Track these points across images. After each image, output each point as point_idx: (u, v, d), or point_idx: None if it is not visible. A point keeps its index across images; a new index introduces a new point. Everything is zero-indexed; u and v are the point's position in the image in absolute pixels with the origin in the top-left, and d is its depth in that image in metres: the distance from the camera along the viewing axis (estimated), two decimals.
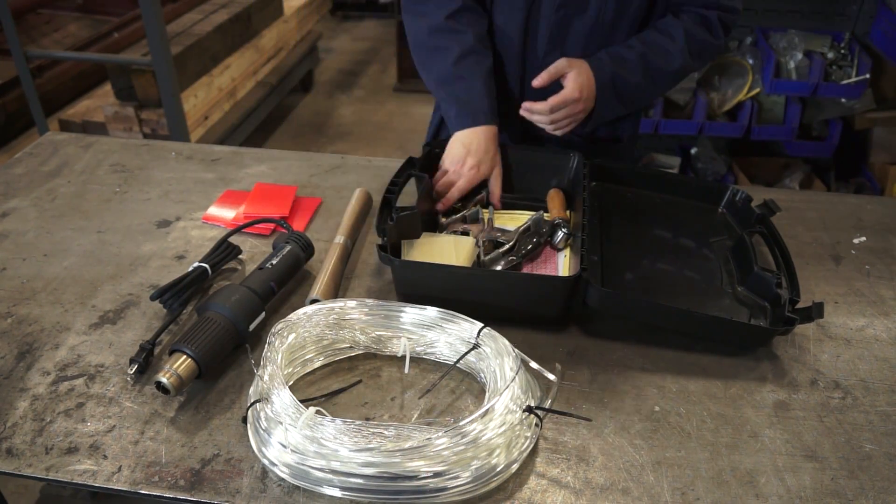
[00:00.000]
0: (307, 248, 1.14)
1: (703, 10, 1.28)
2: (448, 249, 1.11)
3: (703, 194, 1.28)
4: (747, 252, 1.10)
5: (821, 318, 0.96)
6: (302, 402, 0.84)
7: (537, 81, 1.23)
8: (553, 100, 1.21)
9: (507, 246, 1.14)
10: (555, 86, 1.24)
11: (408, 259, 1.09)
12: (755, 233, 1.16)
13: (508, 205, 1.28)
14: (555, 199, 1.25)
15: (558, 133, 1.27)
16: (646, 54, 1.26)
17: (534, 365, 0.94)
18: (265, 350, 0.91)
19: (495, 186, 1.26)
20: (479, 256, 1.13)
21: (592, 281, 0.99)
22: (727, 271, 1.13)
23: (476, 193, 1.27)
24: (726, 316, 1.03)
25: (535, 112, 1.24)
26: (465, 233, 1.16)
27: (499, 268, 1.11)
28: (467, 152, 1.24)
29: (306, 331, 0.96)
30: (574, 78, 1.22)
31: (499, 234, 1.17)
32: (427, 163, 1.27)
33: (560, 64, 1.22)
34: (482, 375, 0.94)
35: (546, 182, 1.29)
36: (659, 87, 1.33)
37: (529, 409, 0.85)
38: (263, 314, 1.02)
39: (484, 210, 1.24)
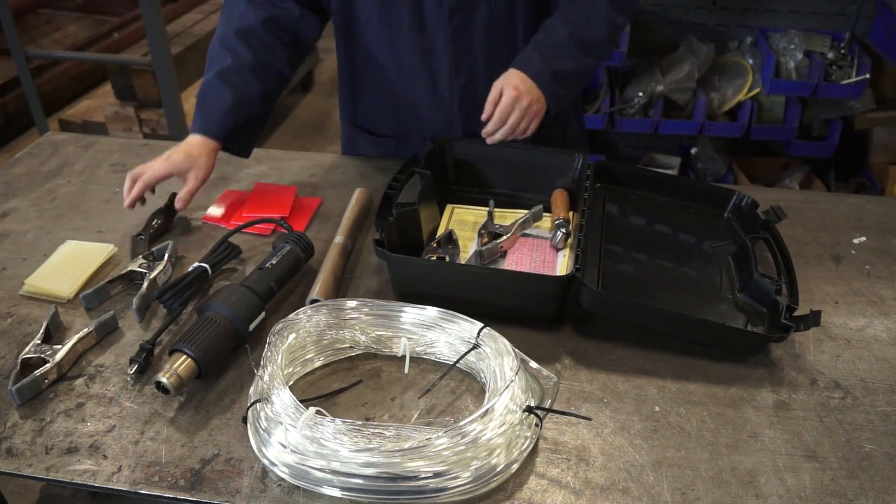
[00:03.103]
0: (307, 248, 1.14)
1: None
2: None
3: (708, 199, 1.27)
4: (749, 257, 1.10)
5: (817, 326, 0.96)
6: (302, 402, 0.84)
7: (484, 115, 1.22)
8: (498, 111, 1.19)
9: (504, 238, 1.15)
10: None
11: None
12: (759, 238, 1.16)
13: (512, 204, 1.28)
14: (558, 199, 1.25)
15: (529, 133, 1.23)
16: (573, 34, 1.22)
17: (534, 365, 0.94)
18: (265, 350, 0.91)
19: (189, 184, 1.21)
20: (479, 246, 1.14)
21: (586, 281, 0.99)
22: (728, 276, 1.13)
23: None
24: (720, 320, 1.03)
25: (491, 133, 1.22)
26: (442, 257, 1.13)
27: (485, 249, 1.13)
28: (174, 150, 1.21)
29: (306, 331, 0.96)
30: (506, 84, 1.20)
31: (497, 227, 1.18)
32: (432, 160, 1.26)
33: (493, 90, 1.21)
34: (482, 375, 0.94)
35: (551, 182, 1.29)
36: (596, 59, 1.29)
37: (529, 409, 0.85)
38: (263, 314, 1.02)
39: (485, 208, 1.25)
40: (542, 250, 1.17)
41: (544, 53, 1.22)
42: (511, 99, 1.18)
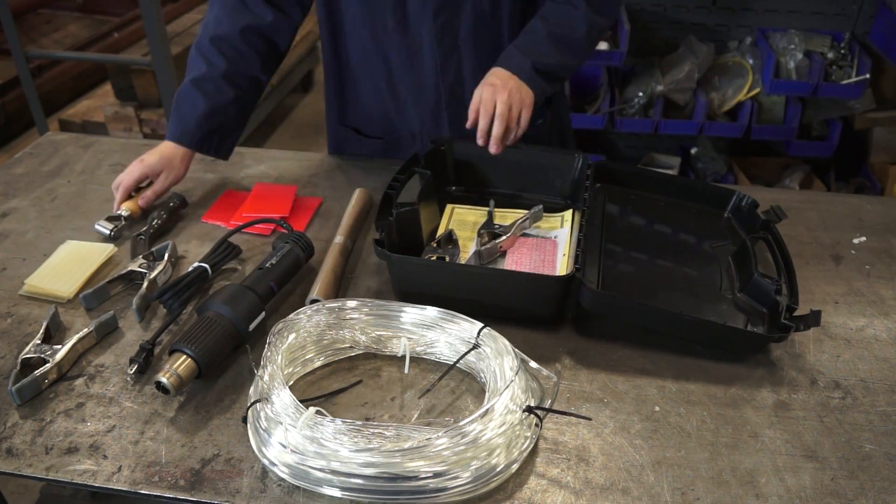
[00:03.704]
0: (307, 248, 1.14)
1: None
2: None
3: (708, 198, 1.27)
4: (749, 257, 1.10)
5: (817, 326, 0.96)
6: (302, 402, 0.84)
7: (469, 123, 1.19)
8: (482, 107, 1.15)
9: (504, 238, 1.15)
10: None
11: None
12: (759, 238, 1.16)
13: (512, 204, 1.28)
14: None
15: (524, 124, 1.18)
16: (551, 31, 1.22)
17: (534, 365, 0.94)
18: (265, 350, 0.91)
19: (156, 185, 1.26)
20: (479, 246, 1.14)
21: (586, 281, 0.99)
22: (728, 276, 1.13)
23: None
24: (720, 321, 1.03)
25: (486, 133, 1.17)
26: (442, 257, 1.12)
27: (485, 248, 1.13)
28: (149, 153, 1.26)
29: (306, 331, 0.96)
30: (483, 84, 1.18)
31: (497, 227, 1.18)
32: (432, 160, 1.26)
33: (473, 97, 1.18)
34: (482, 375, 0.94)
35: (551, 182, 1.29)
36: (576, 57, 1.27)
37: (529, 409, 0.85)
38: (263, 314, 1.02)
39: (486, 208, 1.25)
40: (542, 250, 1.17)
41: (523, 49, 1.22)
42: (490, 93, 1.16)
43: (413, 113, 1.39)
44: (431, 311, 0.98)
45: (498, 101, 1.15)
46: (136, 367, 0.95)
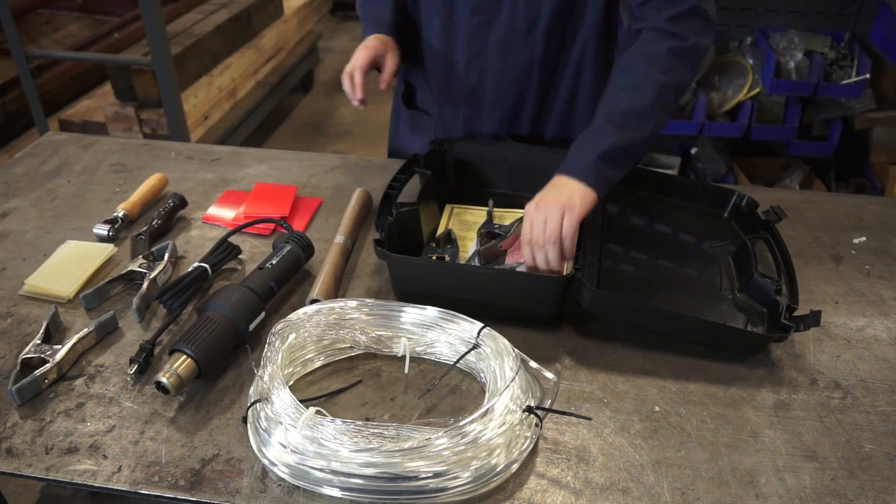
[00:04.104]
0: (307, 248, 1.14)
1: (669, 28, 1.09)
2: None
3: (708, 199, 1.27)
4: (749, 257, 1.10)
5: (817, 326, 0.96)
6: (302, 402, 0.84)
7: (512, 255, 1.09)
8: (517, 240, 1.06)
9: (504, 238, 1.15)
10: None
11: None
12: (759, 238, 1.16)
13: (512, 204, 1.28)
14: None
15: (569, 246, 1.02)
16: (608, 114, 1.08)
17: (534, 365, 0.94)
18: (265, 350, 0.91)
19: (389, 64, 1.27)
20: (479, 246, 1.14)
21: (586, 282, 0.99)
22: (728, 276, 1.13)
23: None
24: (720, 321, 1.03)
25: (525, 265, 1.06)
26: (441, 257, 1.11)
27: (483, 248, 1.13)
28: (362, 44, 1.28)
29: (306, 331, 0.96)
30: (536, 197, 1.06)
31: (497, 227, 1.18)
32: (432, 160, 1.26)
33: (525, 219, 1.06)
34: (482, 375, 0.94)
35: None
36: (650, 126, 1.08)
37: (529, 409, 0.85)
38: (263, 314, 1.02)
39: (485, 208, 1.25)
40: None
41: (580, 143, 1.09)
42: (531, 218, 1.03)
43: (439, 98, 1.40)
44: (431, 311, 0.98)
45: (540, 232, 1.02)
46: (136, 367, 0.95)
